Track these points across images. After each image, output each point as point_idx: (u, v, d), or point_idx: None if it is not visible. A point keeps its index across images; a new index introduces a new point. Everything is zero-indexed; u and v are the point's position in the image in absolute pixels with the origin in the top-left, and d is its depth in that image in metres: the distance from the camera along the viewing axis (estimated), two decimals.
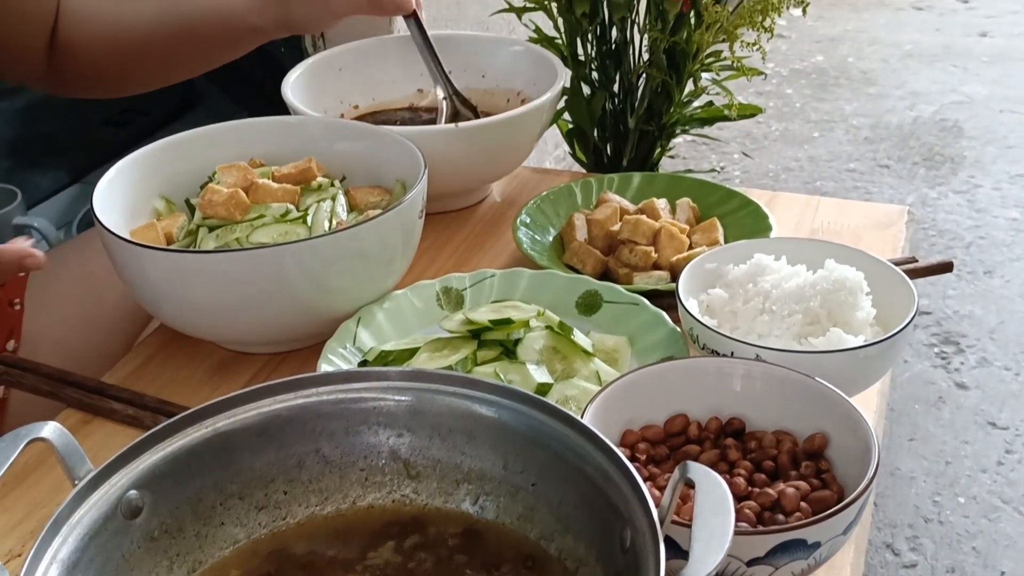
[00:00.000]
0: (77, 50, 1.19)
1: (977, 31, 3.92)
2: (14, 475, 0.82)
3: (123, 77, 1.25)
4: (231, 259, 0.87)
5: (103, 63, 1.21)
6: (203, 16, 1.19)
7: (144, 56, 1.20)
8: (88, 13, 1.19)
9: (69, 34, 1.19)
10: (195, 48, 1.20)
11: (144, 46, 1.19)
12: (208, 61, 1.24)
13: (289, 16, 1.16)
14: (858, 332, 0.82)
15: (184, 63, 1.23)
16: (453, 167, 1.10)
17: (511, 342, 0.86)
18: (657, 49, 1.25)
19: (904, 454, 1.97)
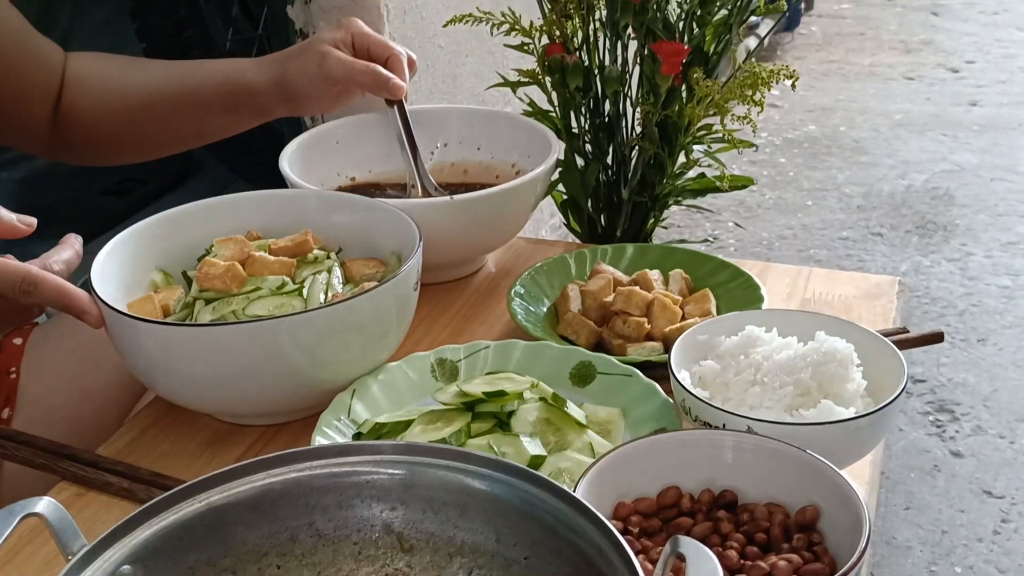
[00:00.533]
0: (79, 116, 1.21)
1: (967, 100, 3.97)
2: (8, 549, 0.81)
3: (121, 143, 1.26)
4: (226, 332, 0.87)
5: (104, 129, 1.23)
6: (204, 76, 1.21)
7: (145, 120, 1.22)
8: (92, 79, 1.22)
9: (72, 101, 1.21)
10: (194, 112, 1.22)
11: (146, 109, 1.21)
12: (207, 128, 1.25)
13: (285, 74, 1.18)
14: (849, 404, 0.83)
15: (183, 129, 1.25)
16: (449, 239, 1.11)
17: (505, 414, 0.86)
18: (649, 122, 1.26)
19: (900, 523, 1.97)
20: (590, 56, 1.30)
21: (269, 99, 1.20)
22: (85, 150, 1.26)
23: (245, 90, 1.20)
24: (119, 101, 1.22)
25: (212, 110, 1.22)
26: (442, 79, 1.81)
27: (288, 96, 1.19)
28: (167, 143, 1.29)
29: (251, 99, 1.20)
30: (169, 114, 1.22)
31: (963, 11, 5.08)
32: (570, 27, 1.28)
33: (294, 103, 1.21)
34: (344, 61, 1.15)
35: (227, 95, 1.21)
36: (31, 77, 1.17)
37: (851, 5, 5.24)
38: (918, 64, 4.40)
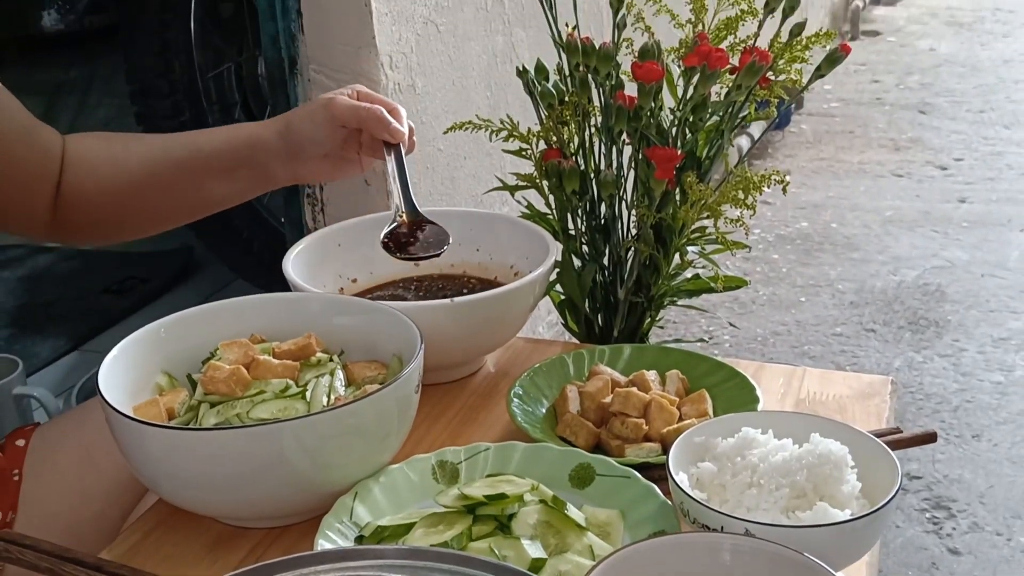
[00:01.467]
0: (83, 196, 1.22)
1: (956, 197, 4.04)
2: None
3: (124, 219, 1.26)
4: (230, 436, 0.89)
5: (108, 205, 1.23)
6: (207, 138, 1.23)
7: (148, 192, 1.23)
8: (94, 158, 1.22)
9: (75, 182, 1.21)
10: (196, 177, 1.22)
11: (149, 180, 1.22)
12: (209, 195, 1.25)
13: (290, 123, 1.20)
14: (844, 506, 0.84)
15: (185, 198, 1.25)
16: (449, 340, 1.13)
17: (506, 517, 0.87)
18: (644, 224, 1.29)
19: None
20: (586, 161, 1.34)
21: (271, 156, 1.21)
22: (87, 230, 1.27)
23: (248, 148, 1.21)
24: (123, 175, 1.22)
25: (213, 175, 1.22)
26: (441, 181, 1.85)
27: (292, 149, 1.21)
28: (169, 215, 1.29)
29: (253, 157, 1.21)
30: (171, 182, 1.23)
31: (950, 109, 5.18)
32: (567, 133, 1.32)
33: (296, 162, 1.22)
34: (349, 102, 1.18)
35: (229, 157, 1.22)
36: (34, 167, 1.19)
37: (840, 104, 5.35)
38: (907, 161, 4.47)
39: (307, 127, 1.19)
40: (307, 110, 1.21)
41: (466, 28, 1.88)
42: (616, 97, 1.29)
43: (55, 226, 1.24)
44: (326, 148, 1.20)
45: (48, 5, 2.30)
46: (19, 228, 1.26)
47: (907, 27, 7.03)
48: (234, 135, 1.22)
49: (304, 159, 1.21)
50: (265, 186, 1.26)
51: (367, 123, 1.18)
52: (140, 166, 1.22)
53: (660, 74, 1.25)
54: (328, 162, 1.23)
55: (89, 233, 1.29)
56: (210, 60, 2.51)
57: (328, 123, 1.18)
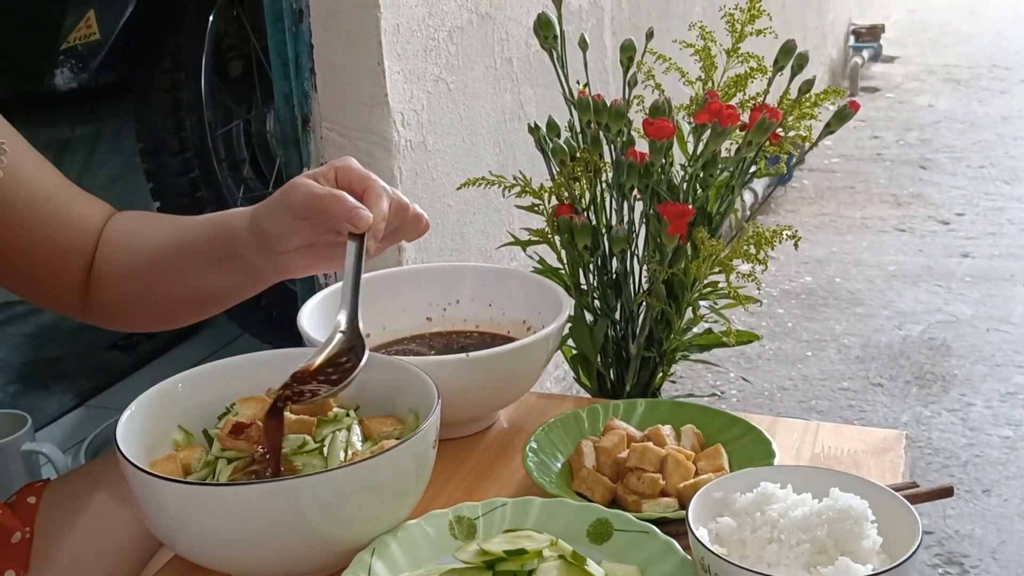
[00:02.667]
0: (100, 277, 1.21)
1: (959, 252, 4.05)
2: None
3: (137, 306, 1.24)
4: (247, 492, 0.88)
5: (119, 290, 1.21)
6: (197, 225, 1.17)
7: (154, 281, 1.20)
8: (115, 239, 1.21)
9: (99, 261, 1.20)
10: (188, 267, 1.17)
11: (149, 266, 1.19)
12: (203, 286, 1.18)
13: (256, 213, 1.08)
14: (865, 561, 0.84)
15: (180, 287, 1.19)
16: (463, 396, 1.13)
17: (525, 573, 0.87)
18: (656, 279, 1.30)
19: None
20: (598, 216, 1.35)
21: (248, 248, 1.10)
22: (109, 314, 1.25)
23: (228, 235, 1.11)
24: (128, 261, 1.20)
25: (204, 265, 1.14)
26: (451, 237, 1.86)
27: (262, 244, 1.08)
28: (170, 307, 1.23)
29: (233, 248, 1.11)
30: (167, 272, 1.17)
31: (950, 165, 5.21)
32: (578, 189, 1.33)
33: (272, 254, 1.09)
34: (309, 188, 1.02)
35: (215, 245, 1.13)
36: (62, 243, 1.18)
37: (841, 159, 5.38)
38: (909, 216, 4.50)
39: (269, 218, 1.06)
40: (270, 200, 1.07)
41: (475, 87, 1.91)
42: (627, 154, 1.30)
43: (87, 306, 1.23)
44: (295, 243, 1.06)
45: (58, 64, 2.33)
46: (54, 305, 1.24)
47: (905, 84, 7.09)
48: (219, 224, 1.13)
49: (277, 253, 1.08)
50: (255, 280, 1.16)
51: (324, 212, 1.02)
52: (147, 251, 1.19)
53: (671, 131, 1.26)
54: (314, 253, 1.10)
55: (111, 317, 1.26)
56: (220, 118, 2.54)
57: (286, 214, 1.04)
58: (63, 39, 2.27)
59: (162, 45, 2.44)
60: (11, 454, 1.80)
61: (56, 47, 2.28)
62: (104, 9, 2.34)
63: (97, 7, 2.29)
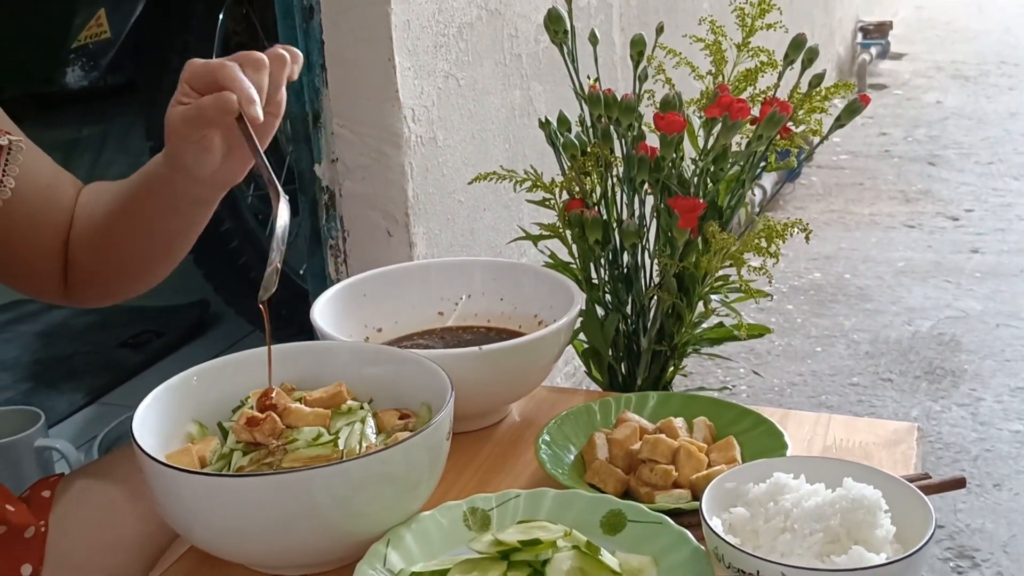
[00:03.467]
0: (73, 250, 1.21)
1: (968, 248, 4.04)
2: None
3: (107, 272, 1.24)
4: (263, 483, 0.89)
5: (89, 258, 1.22)
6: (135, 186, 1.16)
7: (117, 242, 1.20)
8: (79, 209, 1.22)
9: (72, 239, 1.21)
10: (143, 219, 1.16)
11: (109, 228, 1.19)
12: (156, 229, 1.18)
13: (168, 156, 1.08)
14: (879, 550, 0.84)
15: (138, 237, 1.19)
16: (476, 389, 1.14)
17: (539, 563, 0.87)
18: (667, 273, 1.30)
19: None
20: (608, 211, 1.35)
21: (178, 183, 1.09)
22: (89, 289, 1.25)
23: (159, 181, 1.12)
24: (92, 223, 1.21)
25: (153, 209, 1.15)
26: (461, 233, 1.86)
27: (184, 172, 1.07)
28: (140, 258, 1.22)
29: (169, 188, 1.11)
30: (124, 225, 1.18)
31: (958, 161, 5.20)
32: (589, 183, 1.34)
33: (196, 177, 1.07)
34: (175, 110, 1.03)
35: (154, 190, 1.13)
36: (55, 227, 1.19)
37: (849, 156, 5.37)
38: (917, 213, 4.49)
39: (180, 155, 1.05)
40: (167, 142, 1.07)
41: (485, 82, 1.91)
42: (638, 148, 1.30)
43: (66, 287, 1.25)
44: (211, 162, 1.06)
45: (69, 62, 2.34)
46: (42, 291, 1.26)
47: (913, 81, 7.07)
48: (148, 175, 1.13)
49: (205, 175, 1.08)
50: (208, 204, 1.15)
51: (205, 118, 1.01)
52: (103, 211, 1.20)
53: (682, 125, 1.27)
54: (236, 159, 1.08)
55: (92, 292, 1.27)
56: None
57: (176, 136, 1.04)
58: (73, 38, 2.28)
59: (171, 44, 2.44)
60: (24, 450, 1.81)
61: (67, 46, 2.28)
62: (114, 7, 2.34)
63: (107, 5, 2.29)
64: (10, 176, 1.11)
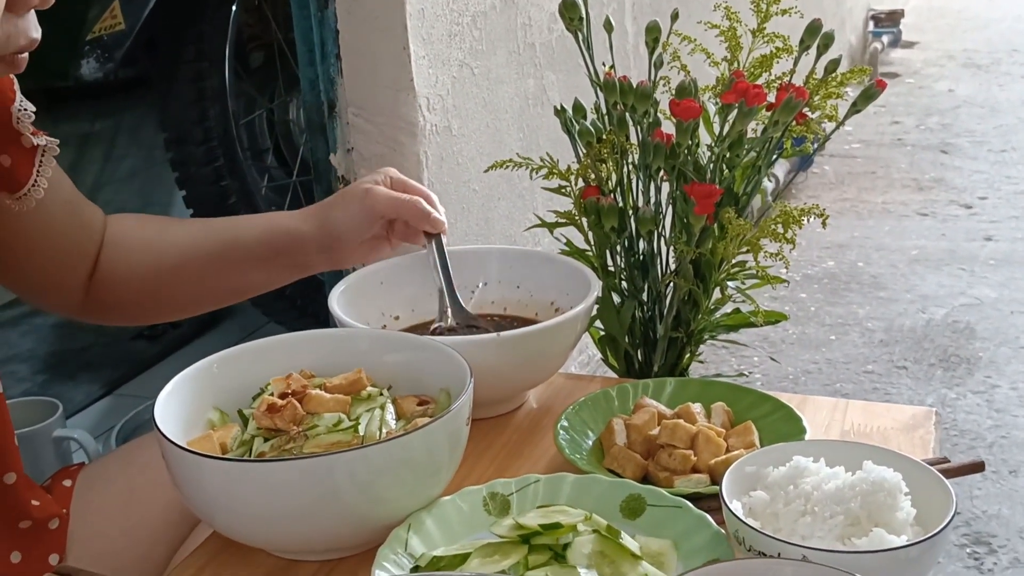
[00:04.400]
0: (115, 279, 1.23)
1: (981, 236, 4.03)
2: None
3: (155, 304, 1.27)
4: (284, 468, 0.90)
5: (137, 291, 1.24)
6: (242, 230, 1.23)
7: (177, 281, 1.23)
8: (129, 241, 1.23)
9: (109, 264, 1.23)
10: (230, 267, 1.23)
11: (179, 270, 1.23)
12: (242, 284, 1.26)
13: (328, 217, 1.21)
14: (900, 532, 0.84)
15: (218, 287, 1.26)
16: (494, 375, 1.14)
17: (560, 546, 0.87)
18: (683, 260, 1.30)
19: None
20: (624, 198, 1.35)
21: (309, 247, 1.22)
22: (117, 311, 1.28)
23: (286, 239, 1.22)
24: (156, 261, 1.23)
25: (249, 264, 1.23)
26: (476, 222, 1.87)
27: (329, 241, 1.21)
28: (201, 302, 1.30)
29: (291, 248, 1.22)
30: (205, 271, 1.23)
31: (971, 149, 5.18)
32: (604, 170, 1.34)
33: (334, 251, 1.23)
34: (388, 194, 1.20)
35: (266, 247, 1.23)
36: (75, 244, 1.20)
37: (861, 145, 5.36)
38: (931, 201, 4.48)
39: (345, 221, 1.21)
40: (344, 203, 1.22)
41: (499, 72, 1.91)
42: (654, 135, 1.30)
43: (87, 305, 1.25)
44: (364, 238, 1.23)
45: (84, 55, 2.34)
46: (54, 305, 1.27)
47: (925, 69, 7.05)
48: (273, 227, 1.24)
49: (342, 249, 1.24)
50: (301, 274, 1.28)
51: (409, 216, 1.20)
52: (175, 253, 1.23)
53: (698, 111, 1.27)
54: (364, 247, 1.25)
55: (119, 314, 1.30)
56: (243, 107, 2.55)
57: (367, 216, 1.20)
58: (88, 29, 2.28)
59: (185, 35, 2.45)
60: (43, 440, 1.82)
61: (81, 38, 2.29)
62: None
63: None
64: (43, 177, 1.11)
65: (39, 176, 1.10)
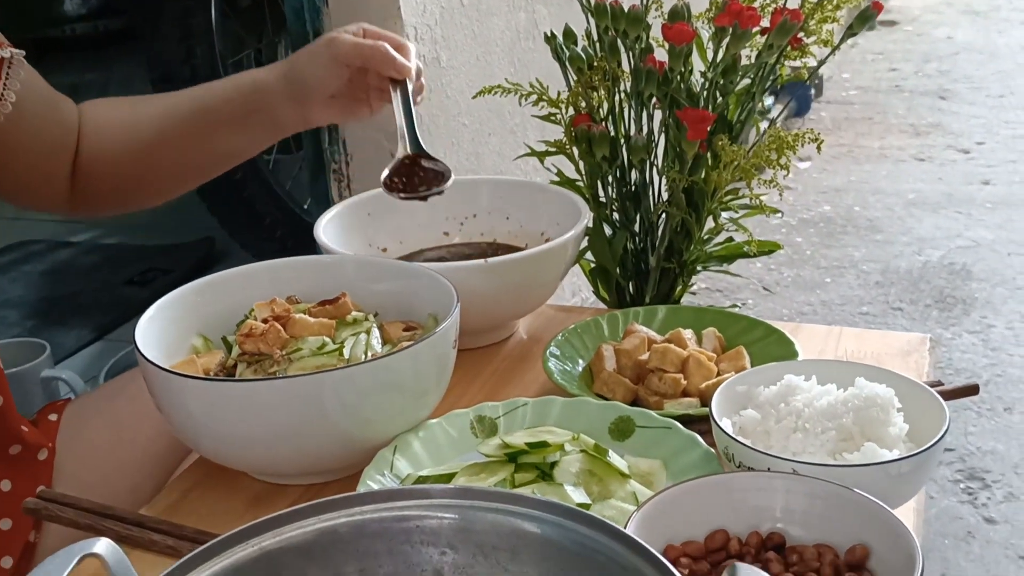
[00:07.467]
0: (99, 163, 1.21)
1: (979, 179, 4.01)
2: None
3: (141, 183, 1.25)
4: (269, 388, 0.88)
5: (123, 170, 1.22)
6: (212, 90, 1.20)
7: (159, 151, 1.21)
8: (107, 123, 1.21)
9: (90, 150, 1.20)
10: (205, 131, 1.19)
11: (159, 139, 1.20)
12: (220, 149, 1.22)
13: (294, 65, 1.16)
14: (891, 447, 0.83)
15: (196, 154, 1.22)
16: (482, 302, 1.12)
17: (547, 465, 0.86)
18: (676, 189, 1.28)
19: None
20: (616, 126, 1.33)
21: (277, 99, 1.16)
22: (106, 199, 1.26)
23: (253, 93, 1.17)
24: (134, 138, 1.21)
25: (223, 127, 1.19)
26: (466, 156, 1.84)
27: (295, 91, 1.15)
28: (184, 174, 1.26)
29: (260, 103, 1.17)
30: (181, 139, 1.20)
31: (969, 95, 5.14)
32: (596, 98, 1.31)
33: (303, 103, 1.16)
34: (352, 40, 1.13)
35: (236, 105, 1.18)
36: (55, 138, 1.18)
37: (858, 91, 5.31)
38: (928, 146, 4.44)
39: (310, 67, 1.14)
40: (309, 50, 1.16)
41: (489, 3, 1.88)
42: (646, 61, 1.28)
43: (75, 199, 1.23)
44: (331, 88, 1.15)
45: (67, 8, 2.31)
46: (43, 203, 1.25)
47: (923, 16, 6.98)
48: (239, 82, 1.19)
49: (310, 101, 1.16)
50: (275, 133, 1.22)
51: (372, 61, 1.11)
52: (150, 126, 1.21)
53: (691, 35, 1.24)
54: (337, 104, 1.17)
55: (109, 202, 1.27)
56: (230, 47, 2.52)
57: (331, 62, 1.13)
58: None
59: None
60: (31, 381, 1.81)
61: None
62: None
63: None
64: (11, 91, 1.09)
65: (6, 89, 1.08)
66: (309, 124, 1.22)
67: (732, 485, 0.77)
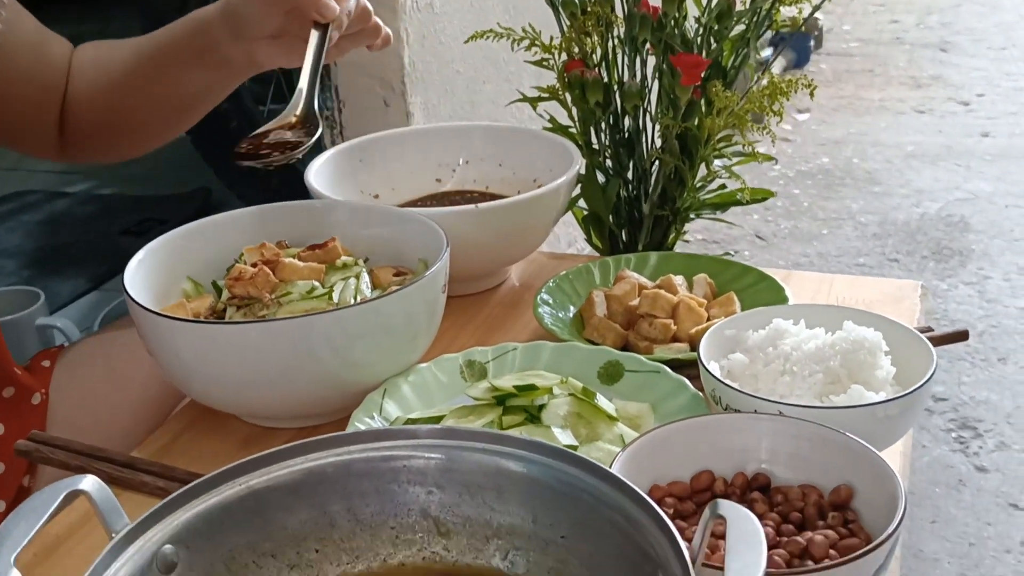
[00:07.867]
0: (77, 106, 1.19)
1: (978, 132, 3.99)
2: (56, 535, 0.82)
3: (118, 127, 1.23)
4: (259, 330, 0.89)
5: (99, 114, 1.20)
6: (168, 30, 1.16)
7: (128, 94, 1.19)
8: (84, 65, 1.20)
9: (73, 93, 1.19)
10: (166, 71, 1.16)
11: (127, 80, 1.18)
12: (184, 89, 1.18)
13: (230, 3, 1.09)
14: (879, 390, 0.83)
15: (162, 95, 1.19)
16: (473, 248, 1.12)
17: (535, 408, 0.87)
18: (669, 135, 1.28)
19: (927, 536, 1.96)
20: (609, 72, 1.32)
21: (219, 35, 1.10)
22: (86, 146, 1.24)
23: (198, 29, 1.13)
24: (104, 77, 1.19)
25: (181, 65, 1.15)
26: (460, 105, 1.83)
27: (233, 26, 1.09)
28: (151, 118, 1.23)
29: (207, 41, 1.12)
30: (145, 80, 1.17)
31: (971, 47, 5.11)
32: (589, 44, 1.30)
33: (244, 40, 1.10)
34: None
35: (185, 42, 1.14)
36: (43, 80, 1.17)
37: (859, 43, 5.28)
38: (928, 98, 4.42)
39: (243, 4, 1.08)
40: None
41: None
42: (640, 5, 1.27)
43: (63, 144, 1.22)
44: (268, 27, 1.08)
45: None
46: (32, 148, 1.24)
47: None
48: (188, 20, 1.15)
49: (250, 39, 1.09)
50: (230, 73, 1.17)
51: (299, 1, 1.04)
52: (119, 68, 1.18)
53: None
54: (281, 44, 1.10)
55: (89, 149, 1.26)
56: None
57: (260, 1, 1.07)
58: None
59: None
60: (26, 328, 1.81)
61: None
62: None
63: None
64: None
65: None
66: (258, 64, 1.15)
67: (718, 426, 0.77)
